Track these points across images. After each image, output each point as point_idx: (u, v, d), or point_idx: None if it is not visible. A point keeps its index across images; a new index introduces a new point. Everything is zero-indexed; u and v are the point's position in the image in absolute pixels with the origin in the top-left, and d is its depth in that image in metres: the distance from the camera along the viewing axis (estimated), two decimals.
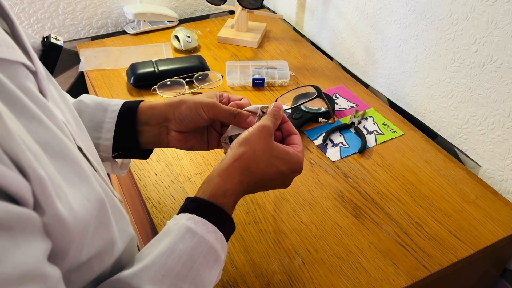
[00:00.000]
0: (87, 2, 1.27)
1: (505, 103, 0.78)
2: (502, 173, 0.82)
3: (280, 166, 0.54)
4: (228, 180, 0.51)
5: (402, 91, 1.02)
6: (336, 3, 1.16)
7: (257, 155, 0.52)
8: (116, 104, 0.61)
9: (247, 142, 0.53)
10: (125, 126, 0.60)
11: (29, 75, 0.37)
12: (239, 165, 0.52)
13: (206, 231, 0.46)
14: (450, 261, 0.69)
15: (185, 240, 0.45)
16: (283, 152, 0.54)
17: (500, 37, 0.76)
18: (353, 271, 0.67)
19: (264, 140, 0.53)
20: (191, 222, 0.46)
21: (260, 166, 0.53)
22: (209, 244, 0.46)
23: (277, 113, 0.57)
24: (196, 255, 0.45)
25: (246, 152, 0.52)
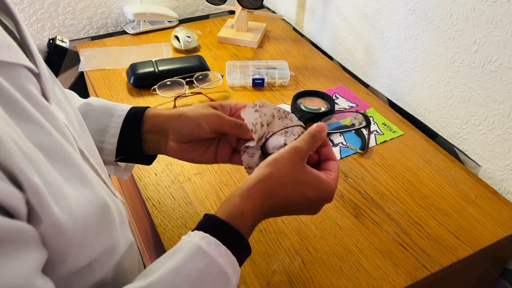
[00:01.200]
0: (87, 2, 1.27)
1: (505, 103, 0.78)
2: (502, 173, 0.83)
3: (308, 192, 0.50)
4: (248, 201, 0.48)
5: (402, 91, 1.02)
6: (336, 3, 1.16)
7: (283, 178, 0.49)
8: (122, 110, 0.61)
9: (275, 163, 0.50)
10: (130, 132, 0.60)
11: (32, 77, 0.37)
12: (261, 187, 0.49)
13: (219, 253, 0.44)
14: (450, 261, 0.69)
15: (195, 260, 0.43)
16: (313, 178, 0.50)
17: (500, 37, 0.76)
18: (353, 271, 0.67)
19: (293, 163, 0.50)
20: (204, 242, 0.44)
21: (284, 190, 0.49)
22: (219, 267, 0.44)
23: (318, 135, 0.52)
24: (204, 277, 0.43)
25: (272, 174, 0.49)
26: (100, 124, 0.60)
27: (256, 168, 0.51)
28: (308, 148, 0.51)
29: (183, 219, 0.75)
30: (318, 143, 0.52)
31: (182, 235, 0.71)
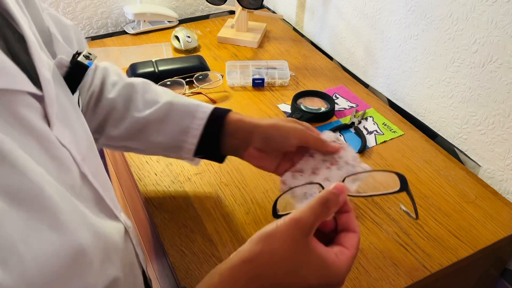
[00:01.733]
0: (87, 2, 1.27)
1: (505, 103, 0.78)
2: (502, 173, 0.83)
3: (309, 277, 0.39)
4: (227, 284, 0.39)
5: (402, 91, 1.02)
6: (336, 3, 1.16)
7: (276, 258, 0.39)
8: (204, 112, 0.64)
9: (267, 239, 0.39)
10: (211, 134, 0.64)
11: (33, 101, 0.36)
12: (248, 268, 0.39)
13: None
14: (450, 261, 0.69)
15: None
16: (318, 260, 0.39)
17: (500, 37, 0.76)
18: (353, 271, 0.67)
19: (292, 240, 0.39)
20: None
21: (277, 273, 0.39)
22: None
23: (333, 199, 0.41)
24: None
25: (262, 253, 0.39)
26: (181, 125, 0.64)
27: (248, 240, 0.41)
28: (314, 219, 0.39)
29: (183, 219, 0.75)
30: (333, 211, 0.41)
31: (182, 235, 0.72)
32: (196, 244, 0.70)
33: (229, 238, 0.71)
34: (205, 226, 0.73)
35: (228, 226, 0.73)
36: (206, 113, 0.64)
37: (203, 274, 0.66)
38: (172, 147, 0.66)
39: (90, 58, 0.46)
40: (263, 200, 0.78)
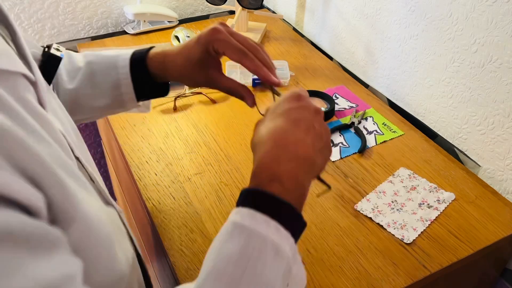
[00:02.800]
0: (87, 2, 1.27)
1: (505, 103, 0.78)
2: (502, 173, 0.83)
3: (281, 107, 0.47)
4: (254, 163, 0.44)
5: (402, 91, 1.02)
6: (336, 3, 1.16)
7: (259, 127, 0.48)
8: (124, 59, 0.63)
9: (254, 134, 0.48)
10: (141, 76, 0.63)
11: (29, 86, 0.37)
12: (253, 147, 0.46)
13: (255, 222, 0.39)
14: (450, 261, 0.69)
15: (233, 237, 0.39)
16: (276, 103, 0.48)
17: (500, 37, 0.76)
18: (353, 271, 0.67)
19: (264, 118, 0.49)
20: (238, 217, 0.40)
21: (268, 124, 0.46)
22: (262, 237, 0.38)
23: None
24: (248, 252, 0.38)
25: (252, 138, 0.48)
26: (110, 81, 0.63)
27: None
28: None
29: (183, 219, 0.75)
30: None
31: (182, 235, 0.72)
32: (196, 244, 0.70)
33: None
34: (205, 226, 0.73)
35: None
36: (126, 60, 0.62)
37: None
38: (114, 105, 0.65)
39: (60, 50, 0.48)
40: None
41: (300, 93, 0.47)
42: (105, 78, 0.62)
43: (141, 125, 0.95)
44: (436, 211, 0.76)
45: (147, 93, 0.65)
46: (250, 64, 0.55)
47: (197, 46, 0.57)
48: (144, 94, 0.65)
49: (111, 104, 0.65)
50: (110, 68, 0.62)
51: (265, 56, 0.56)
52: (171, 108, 1.00)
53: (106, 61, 0.63)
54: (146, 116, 0.97)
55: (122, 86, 0.63)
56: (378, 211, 0.76)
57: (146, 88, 0.64)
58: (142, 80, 0.63)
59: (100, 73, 0.63)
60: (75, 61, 0.65)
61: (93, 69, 0.63)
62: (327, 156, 0.48)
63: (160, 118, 0.97)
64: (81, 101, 0.63)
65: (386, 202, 0.78)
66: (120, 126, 0.94)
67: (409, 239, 0.71)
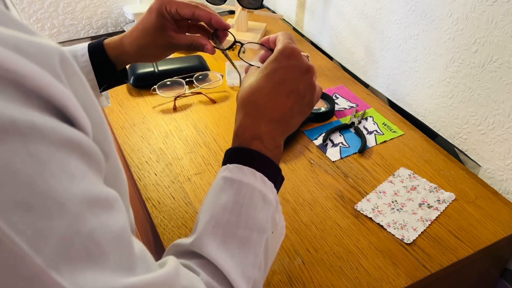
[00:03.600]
0: (87, 2, 1.27)
1: (505, 103, 0.78)
2: (502, 173, 0.82)
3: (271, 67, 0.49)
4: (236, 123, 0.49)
5: (402, 91, 1.02)
6: (336, 3, 1.16)
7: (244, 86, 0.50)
8: (82, 48, 0.64)
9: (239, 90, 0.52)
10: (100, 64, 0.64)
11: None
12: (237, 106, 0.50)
13: (242, 174, 0.44)
14: (450, 261, 0.69)
15: (225, 190, 0.44)
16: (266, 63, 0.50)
17: (500, 37, 0.76)
18: (353, 271, 0.67)
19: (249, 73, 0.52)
20: (227, 172, 0.45)
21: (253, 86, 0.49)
22: (250, 186, 0.44)
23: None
24: (240, 200, 0.43)
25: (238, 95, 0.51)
26: None
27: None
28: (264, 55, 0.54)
29: (183, 219, 0.75)
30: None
31: (182, 235, 0.71)
32: None
33: None
34: None
35: None
36: (85, 48, 0.64)
37: None
38: None
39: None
40: None
41: (292, 51, 0.49)
42: None
43: (141, 125, 0.95)
44: (436, 211, 0.76)
45: (107, 81, 0.66)
46: (203, 12, 0.60)
47: (149, 14, 0.62)
48: (104, 82, 0.66)
49: None
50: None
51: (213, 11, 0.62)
52: (171, 108, 1.00)
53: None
54: (146, 116, 0.97)
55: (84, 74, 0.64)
56: (378, 211, 0.76)
57: (106, 75, 0.65)
58: (102, 67, 0.65)
59: None
60: None
61: None
62: (306, 114, 0.52)
63: (160, 118, 0.97)
64: None
65: (386, 202, 0.78)
66: (120, 126, 0.94)
67: (409, 239, 0.71)
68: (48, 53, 0.27)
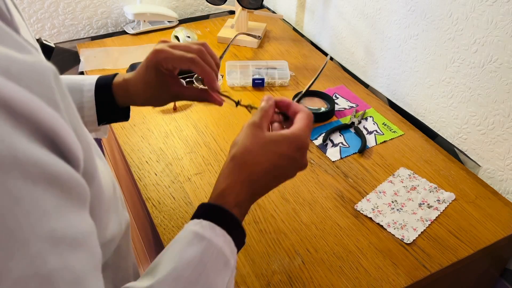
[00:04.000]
0: (87, 2, 1.27)
1: (505, 103, 0.78)
2: (502, 173, 0.82)
3: (280, 149, 0.50)
4: (225, 181, 0.49)
5: (402, 91, 1.02)
6: (336, 3, 1.16)
7: (249, 148, 0.50)
8: (90, 84, 0.63)
9: (236, 142, 0.52)
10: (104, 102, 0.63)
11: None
12: (233, 164, 0.50)
13: (214, 234, 0.45)
14: (450, 261, 0.69)
15: (193, 245, 0.44)
16: (277, 136, 0.51)
17: (500, 37, 0.76)
18: (353, 271, 0.67)
19: (252, 134, 0.51)
20: (199, 227, 0.46)
21: (257, 157, 0.50)
22: (218, 248, 0.45)
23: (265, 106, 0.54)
24: (205, 259, 0.44)
25: (238, 150, 0.50)
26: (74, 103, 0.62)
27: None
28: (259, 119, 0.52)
29: (183, 219, 0.75)
30: (270, 111, 0.53)
31: None
32: None
33: None
34: None
35: None
36: (92, 84, 0.63)
37: None
38: None
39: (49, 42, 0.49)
40: (262, 200, 0.78)
41: (305, 145, 0.51)
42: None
43: (141, 125, 0.95)
44: (436, 211, 0.76)
45: (108, 118, 0.66)
46: (198, 69, 0.58)
47: (148, 71, 0.60)
48: (105, 118, 0.65)
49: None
50: (75, 91, 0.63)
51: (209, 59, 0.60)
52: (171, 108, 1.00)
53: (71, 85, 0.63)
54: (146, 116, 0.97)
55: (85, 109, 0.63)
56: (378, 211, 0.76)
57: (108, 112, 0.64)
58: (105, 105, 0.64)
59: None
60: None
61: None
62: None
63: (160, 118, 0.97)
64: None
65: (386, 202, 0.78)
66: (120, 126, 0.94)
67: (409, 239, 0.71)
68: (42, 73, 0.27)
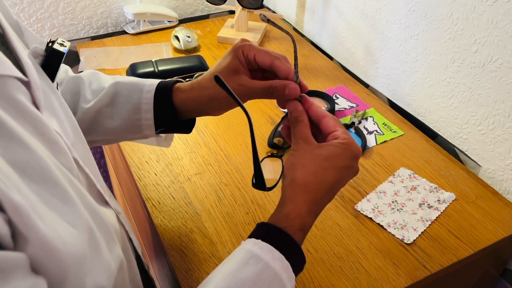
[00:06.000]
0: (87, 2, 1.27)
1: (505, 103, 0.78)
2: (502, 173, 0.82)
3: (340, 163, 0.48)
4: (290, 203, 0.48)
5: (402, 91, 1.02)
6: (336, 3, 1.16)
7: (308, 168, 0.48)
8: (151, 84, 0.61)
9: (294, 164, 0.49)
10: (164, 106, 0.60)
11: (21, 86, 0.36)
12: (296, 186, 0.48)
13: (272, 257, 0.43)
14: (450, 261, 0.69)
15: (249, 265, 0.43)
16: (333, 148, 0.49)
17: (500, 37, 0.76)
18: (353, 271, 0.67)
19: (309, 152, 0.49)
20: (257, 248, 0.44)
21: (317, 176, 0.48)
22: (274, 272, 0.43)
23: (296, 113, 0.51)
24: (260, 282, 0.42)
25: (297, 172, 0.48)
26: (131, 103, 0.61)
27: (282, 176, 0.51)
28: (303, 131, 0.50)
29: (183, 219, 0.75)
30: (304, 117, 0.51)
31: (182, 235, 0.72)
32: (196, 244, 0.70)
33: (229, 238, 0.71)
34: (205, 226, 0.73)
35: (228, 226, 0.73)
36: (153, 85, 0.60)
37: (203, 274, 0.66)
38: (130, 129, 0.62)
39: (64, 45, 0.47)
40: (263, 200, 0.78)
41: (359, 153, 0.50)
42: (127, 99, 0.61)
43: None
44: (436, 211, 0.76)
45: (167, 125, 0.62)
46: (282, 66, 0.54)
47: (227, 55, 0.56)
48: (164, 125, 0.62)
49: (127, 128, 0.62)
50: (135, 90, 0.61)
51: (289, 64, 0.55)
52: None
53: (132, 84, 0.61)
54: None
55: (142, 111, 0.60)
56: (378, 211, 0.76)
57: (167, 119, 0.61)
58: (165, 110, 0.60)
59: (124, 93, 0.61)
60: (102, 81, 0.64)
61: (117, 89, 0.61)
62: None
63: None
64: (98, 119, 0.62)
65: (387, 202, 0.78)
66: None
67: (410, 239, 0.71)
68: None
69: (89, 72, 0.67)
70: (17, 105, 0.34)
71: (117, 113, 0.61)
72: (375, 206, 0.77)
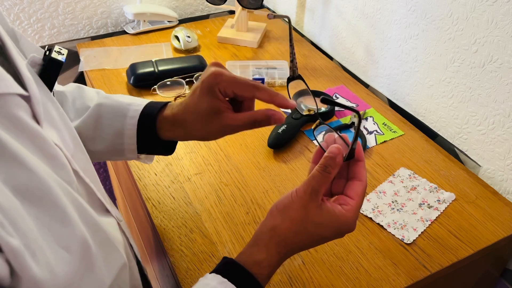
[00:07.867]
0: (87, 2, 1.27)
1: (505, 103, 0.78)
2: (502, 173, 0.82)
3: (324, 232, 0.47)
4: (263, 251, 0.47)
5: (402, 91, 1.02)
6: (336, 3, 1.16)
7: (294, 226, 0.46)
8: (135, 110, 0.59)
9: (285, 210, 0.47)
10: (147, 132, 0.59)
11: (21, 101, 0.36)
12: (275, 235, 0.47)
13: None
14: (450, 261, 0.69)
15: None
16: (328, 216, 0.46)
17: (500, 37, 0.76)
18: (353, 271, 0.67)
19: (304, 207, 0.46)
20: (215, 283, 0.44)
21: (299, 236, 0.47)
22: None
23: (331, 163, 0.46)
24: None
25: (283, 222, 0.47)
26: (114, 128, 0.60)
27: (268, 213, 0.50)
28: (321, 183, 0.45)
29: (183, 219, 0.75)
30: (335, 171, 0.46)
31: (182, 235, 0.72)
32: (196, 244, 0.70)
33: (229, 238, 0.71)
34: (205, 226, 0.73)
35: (228, 226, 0.73)
36: (137, 111, 0.59)
37: (203, 274, 0.66)
38: (112, 152, 0.62)
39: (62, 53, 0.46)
40: (263, 200, 0.78)
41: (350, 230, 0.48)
42: (111, 123, 0.60)
43: None
44: (436, 211, 0.76)
45: (150, 148, 0.62)
46: (264, 94, 0.52)
47: (202, 96, 0.53)
48: (146, 148, 0.62)
49: (109, 151, 0.62)
50: (119, 115, 0.60)
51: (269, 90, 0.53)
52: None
53: (116, 107, 0.60)
54: None
55: (125, 136, 0.60)
56: (378, 211, 0.76)
57: (150, 143, 0.61)
58: (148, 135, 0.60)
59: (107, 117, 0.60)
60: (86, 99, 0.63)
61: (101, 112, 0.60)
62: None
63: None
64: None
65: (387, 202, 0.78)
66: None
67: (410, 239, 0.71)
68: None
69: (73, 87, 0.66)
70: (17, 122, 0.34)
71: (100, 137, 0.61)
72: (375, 206, 0.77)
